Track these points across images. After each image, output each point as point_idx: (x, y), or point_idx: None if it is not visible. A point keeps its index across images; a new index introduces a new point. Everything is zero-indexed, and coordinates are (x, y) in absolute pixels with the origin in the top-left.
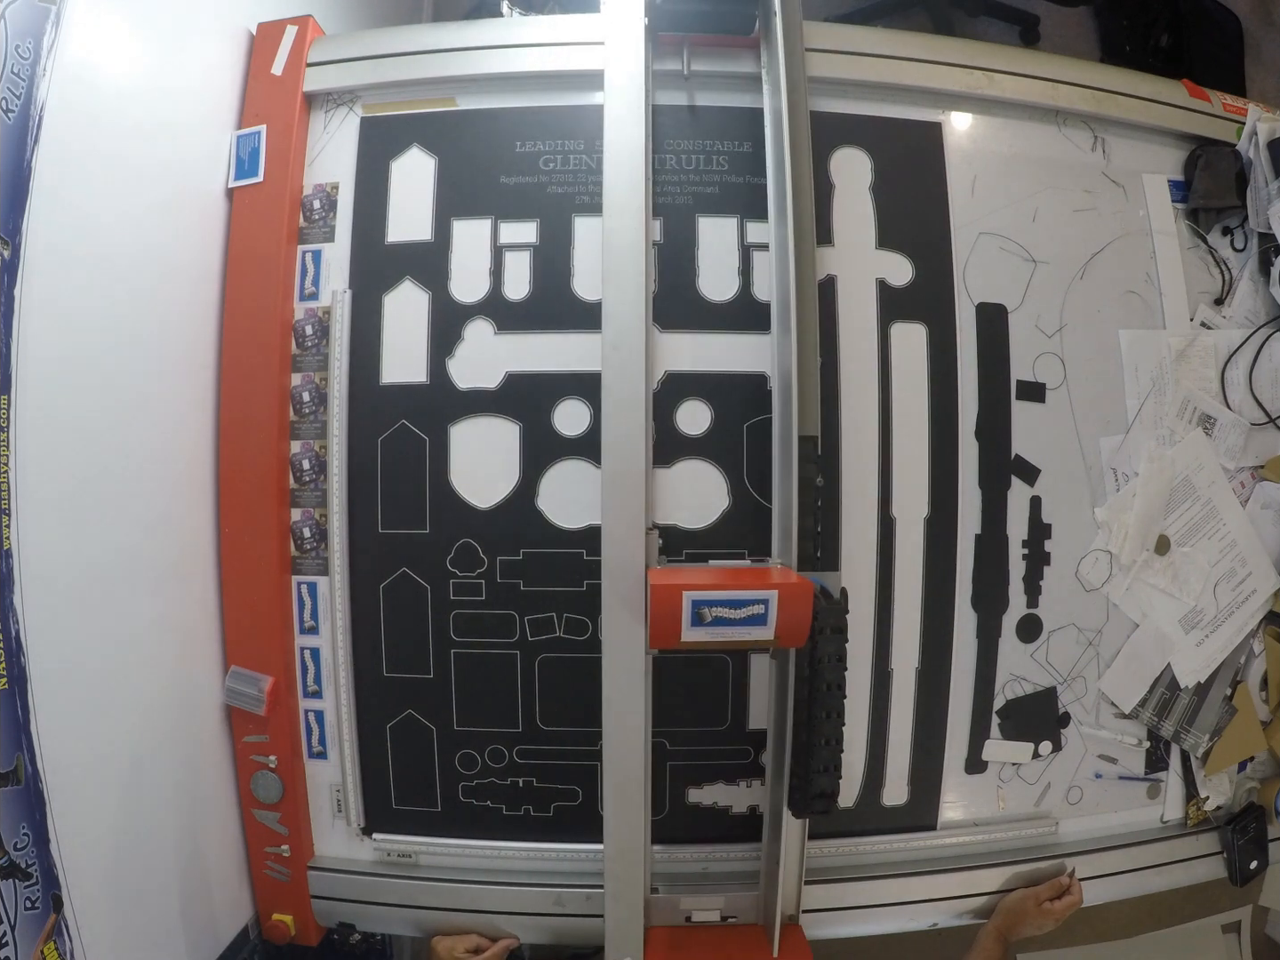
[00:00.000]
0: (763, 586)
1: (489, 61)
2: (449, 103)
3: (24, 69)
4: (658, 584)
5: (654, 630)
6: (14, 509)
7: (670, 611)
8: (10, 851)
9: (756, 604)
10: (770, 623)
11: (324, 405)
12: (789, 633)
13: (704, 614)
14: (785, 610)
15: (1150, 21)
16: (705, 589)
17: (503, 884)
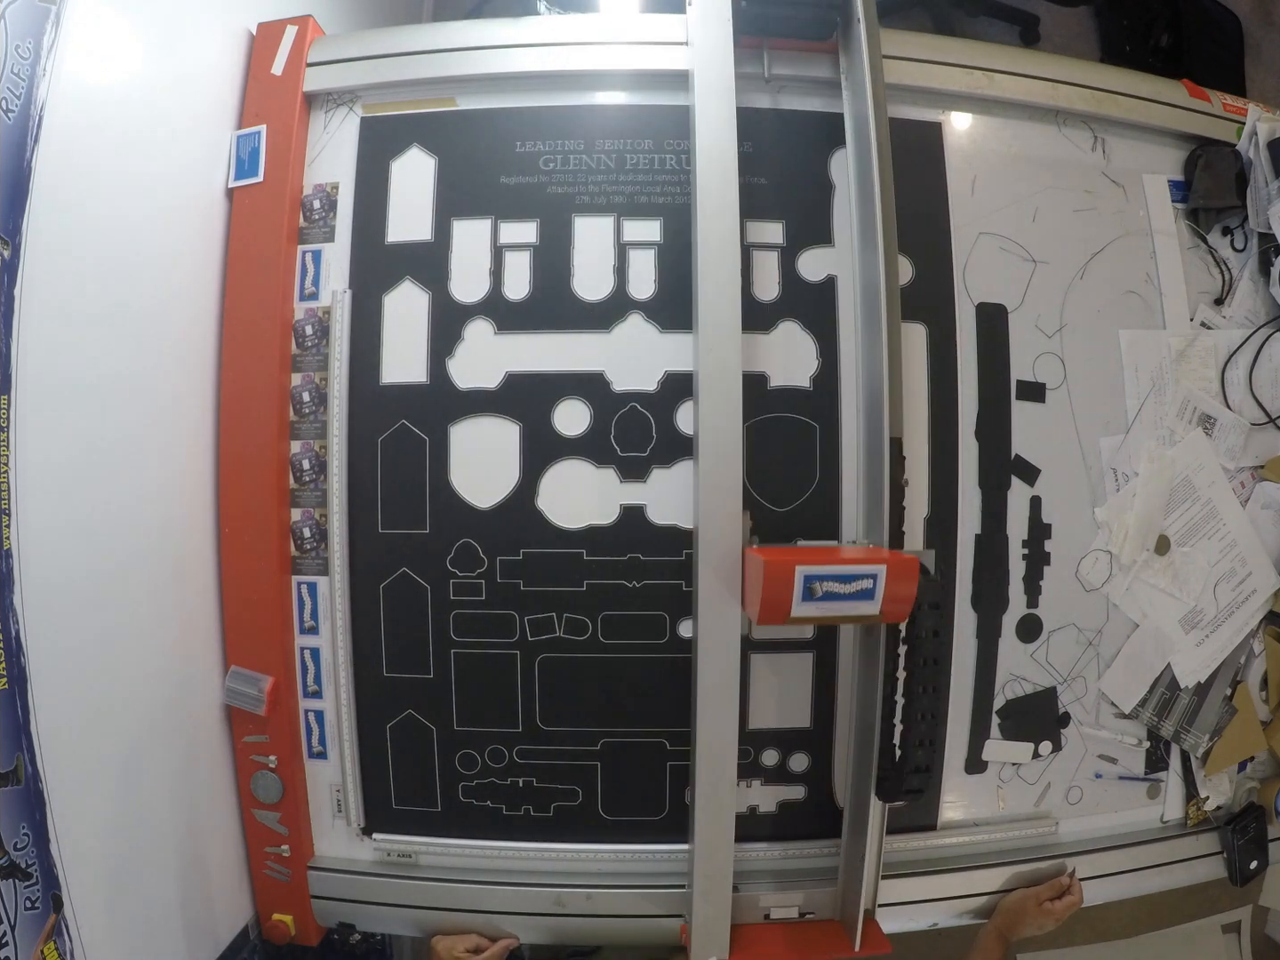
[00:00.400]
0: (873, 561)
1: (489, 61)
2: (449, 103)
3: (24, 69)
4: (771, 560)
5: (764, 606)
6: (14, 509)
7: (783, 586)
8: (10, 851)
9: (866, 578)
10: (877, 598)
11: (324, 405)
12: (894, 607)
13: (815, 589)
14: (892, 585)
15: (1150, 21)
16: (818, 563)
17: (503, 884)
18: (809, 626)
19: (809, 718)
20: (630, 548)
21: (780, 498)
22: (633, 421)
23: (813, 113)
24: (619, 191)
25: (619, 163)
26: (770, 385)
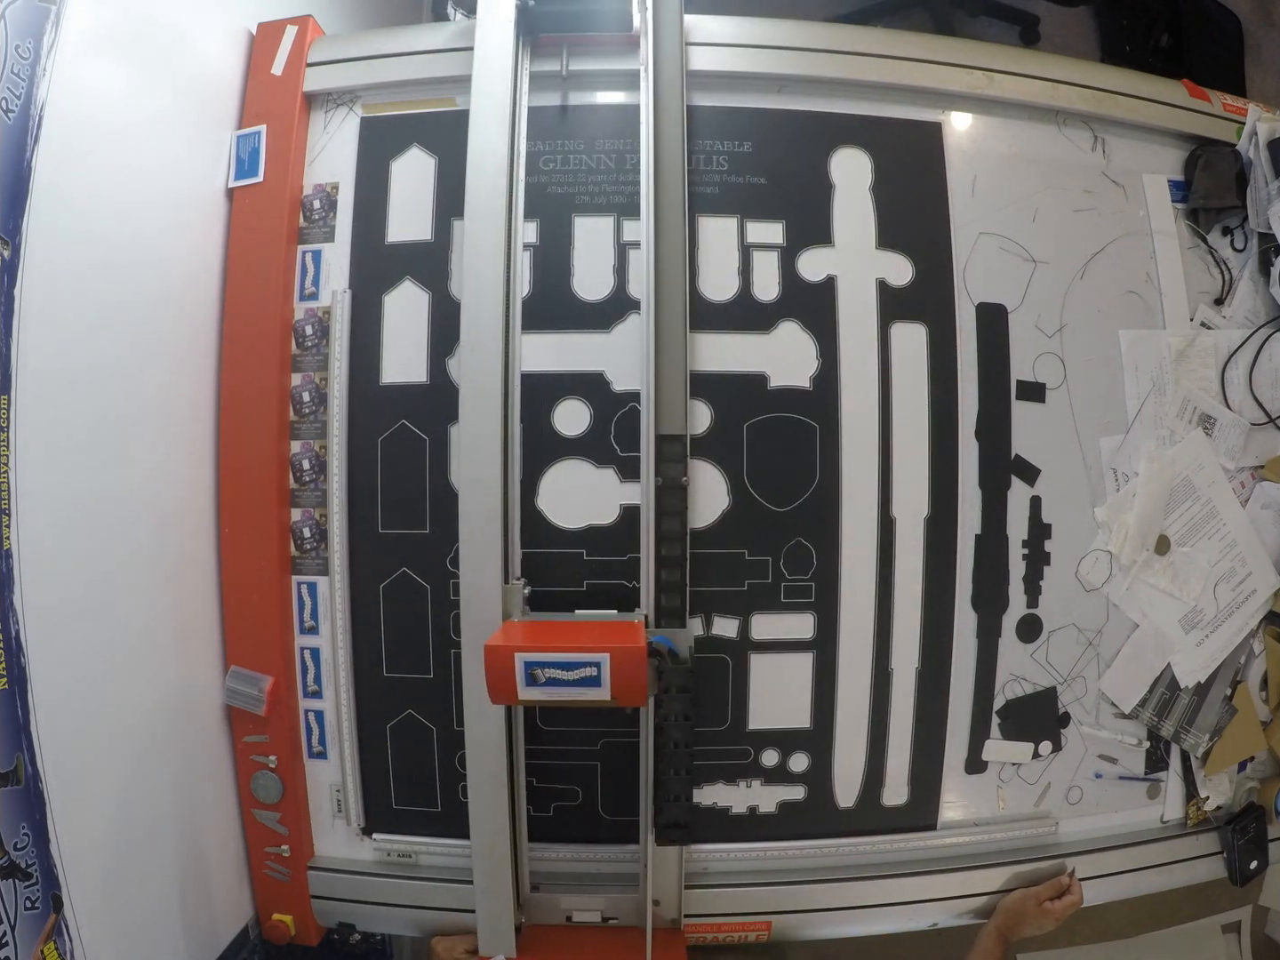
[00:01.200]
0: (595, 649)
1: None
2: (449, 103)
3: (24, 69)
4: (491, 645)
5: (491, 689)
6: (14, 509)
7: (505, 673)
8: (10, 851)
9: (589, 666)
10: (605, 684)
11: (324, 405)
12: (626, 694)
13: (537, 675)
14: (619, 673)
15: (1150, 21)
16: (537, 651)
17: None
18: (809, 626)
19: (809, 718)
20: (630, 548)
21: (780, 498)
22: (633, 421)
23: (813, 113)
24: (619, 191)
25: (619, 163)
26: (770, 385)
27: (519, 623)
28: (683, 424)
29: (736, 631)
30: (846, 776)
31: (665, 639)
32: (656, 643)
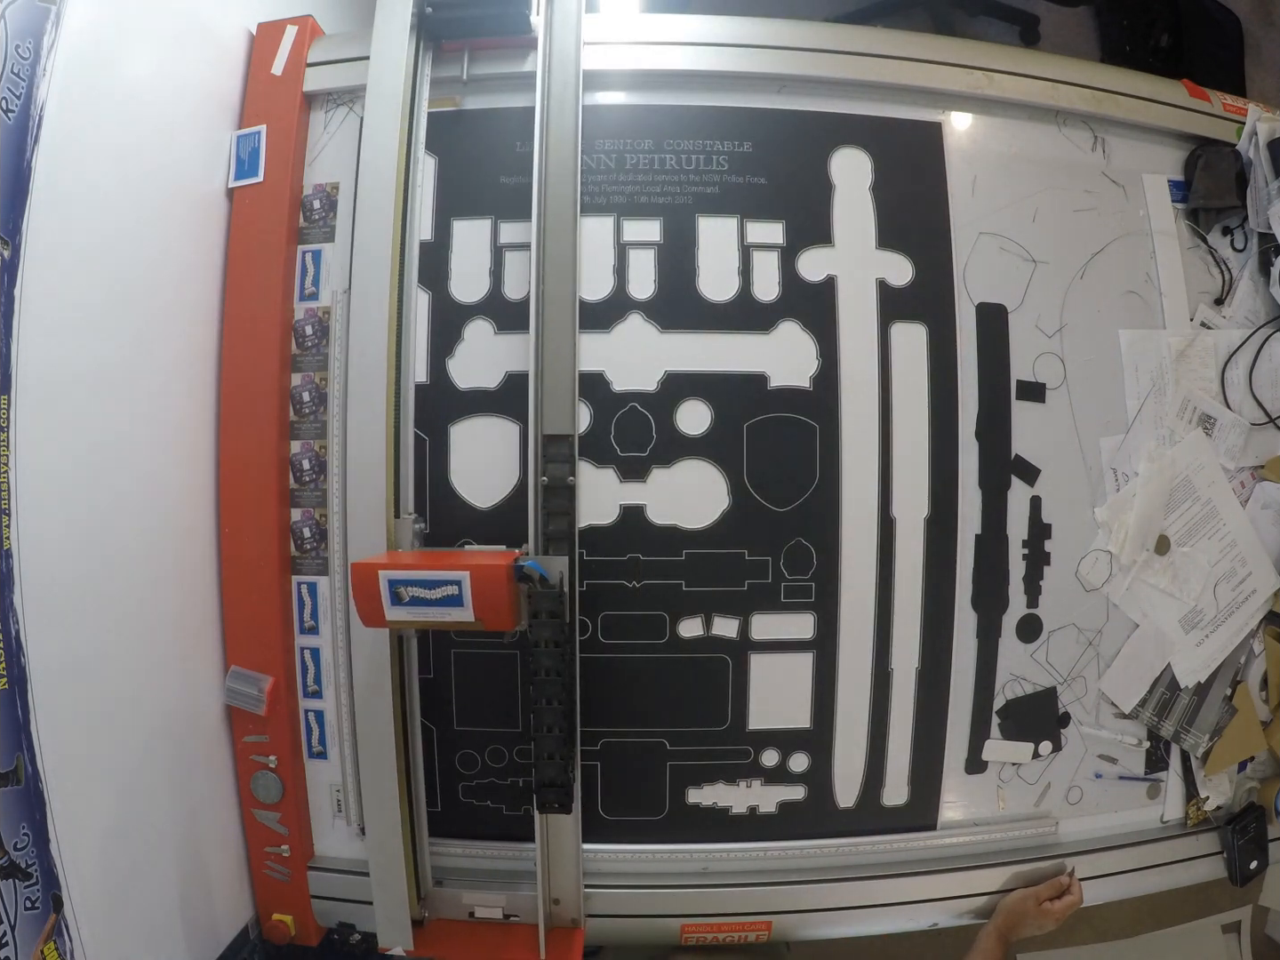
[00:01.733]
0: (456, 567)
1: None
2: (449, 103)
3: (24, 69)
4: (357, 564)
5: (359, 609)
6: (14, 509)
7: (369, 591)
8: (10, 851)
9: (450, 584)
10: (467, 603)
11: (324, 405)
12: (490, 615)
13: (401, 594)
14: (480, 592)
15: (1150, 21)
16: (401, 569)
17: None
18: (809, 626)
19: (809, 718)
20: (630, 548)
21: (780, 498)
22: (633, 421)
23: (813, 113)
24: (619, 191)
25: (619, 163)
26: (770, 385)
27: (402, 552)
28: (570, 424)
29: (736, 631)
30: (846, 776)
31: (535, 563)
32: (527, 566)
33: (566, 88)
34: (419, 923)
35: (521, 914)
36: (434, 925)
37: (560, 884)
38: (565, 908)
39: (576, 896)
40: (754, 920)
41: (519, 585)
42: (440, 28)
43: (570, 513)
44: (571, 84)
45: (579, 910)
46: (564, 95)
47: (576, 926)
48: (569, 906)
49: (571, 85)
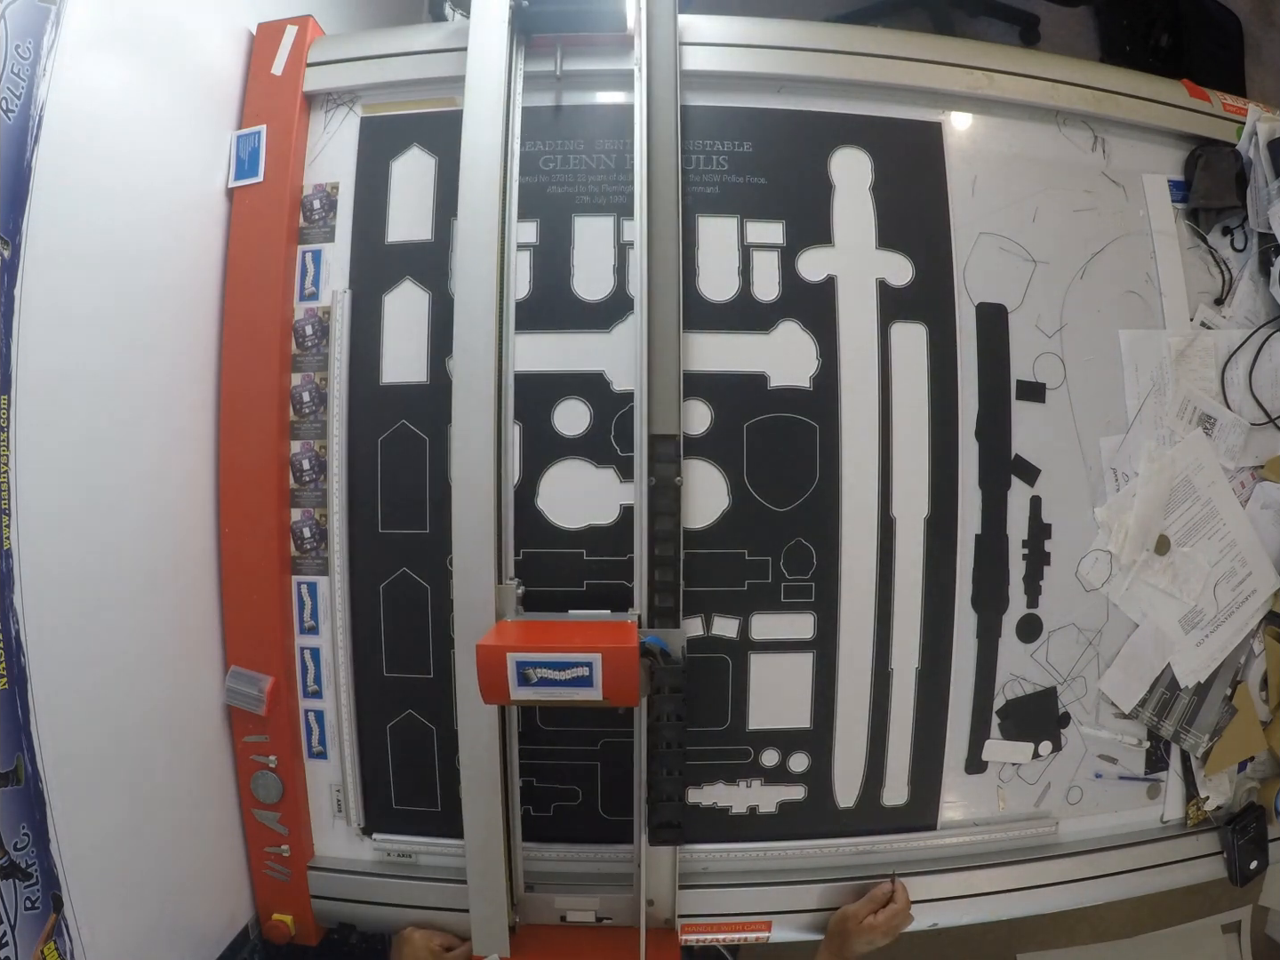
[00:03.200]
0: (587, 649)
1: None
2: (449, 102)
3: (24, 69)
4: (483, 645)
5: (484, 690)
6: (14, 509)
7: (497, 672)
8: (10, 851)
9: (581, 666)
10: (597, 684)
11: (324, 405)
12: (617, 693)
13: (529, 675)
14: (610, 673)
15: (1150, 21)
16: (529, 651)
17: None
18: (809, 626)
19: (809, 718)
20: (630, 548)
21: (780, 498)
22: (633, 421)
23: (813, 113)
24: (619, 191)
25: (619, 163)
26: (770, 385)
27: (513, 622)
28: (676, 424)
29: (736, 631)
30: (846, 776)
31: (658, 639)
32: (649, 643)
33: (666, 87)
34: (511, 929)
35: (615, 916)
36: (526, 931)
37: (655, 885)
38: (659, 909)
39: (671, 897)
40: (754, 920)
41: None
42: (534, 21)
43: (676, 513)
44: (670, 83)
45: (673, 911)
46: (664, 95)
47: (671, 927)
48: (663, 907)
49: (670, 84)
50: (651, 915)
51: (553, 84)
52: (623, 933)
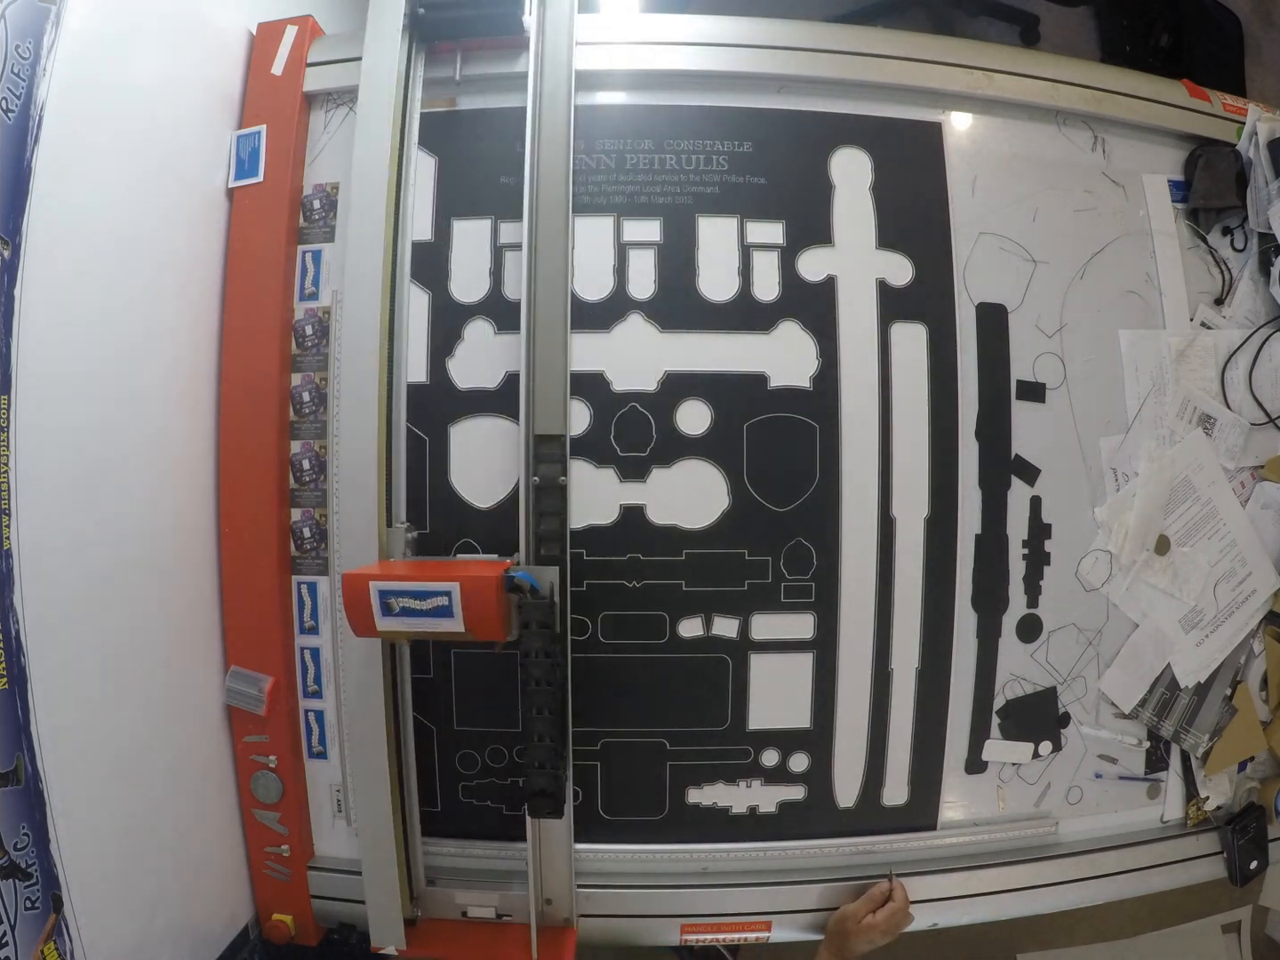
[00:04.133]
0: (447, 578)
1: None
2: (449, 103)
3: (24, 69)
4: (348, 574)
5: (350, 619)
6: (14, 509)
7: (361, 600)
8: (10, 851)
9: (440, 595)
10: (457, 614)
11: (324, 405)
12: (480, 625)
13: (392, 604)
14: (470, 603)
15: (1150, 21)
16: (392, 580)
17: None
18: (809, 626)
19: (809, 718)
20: (630, 548)
21: (780, 498)
22: (633, 421)
23: (813, 113)
24: (619, 191)
25: (619, 163)
26: (770, 385)
27: (393, 562)
28: (562, 424)
29: (736, 631)
30: (846, 776)
31: (527, 575)
32: (517, 578)
33: (559, 88)
34: (411, 922)
35: (514, 914)
36: (426, 925)
37: (553, 884)
38: (558, 907)
39: (569, 896)
40: (754, 920)
41: (510, 596)
42: (433, 29)
43: (562, 513)
44: (564, 84)
45: (571, 910)
46: (556, 95)
47: (569, 926)
48: (561, 906)
49: (564, 85)
50: (550, 914)
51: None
52: (522, 930)
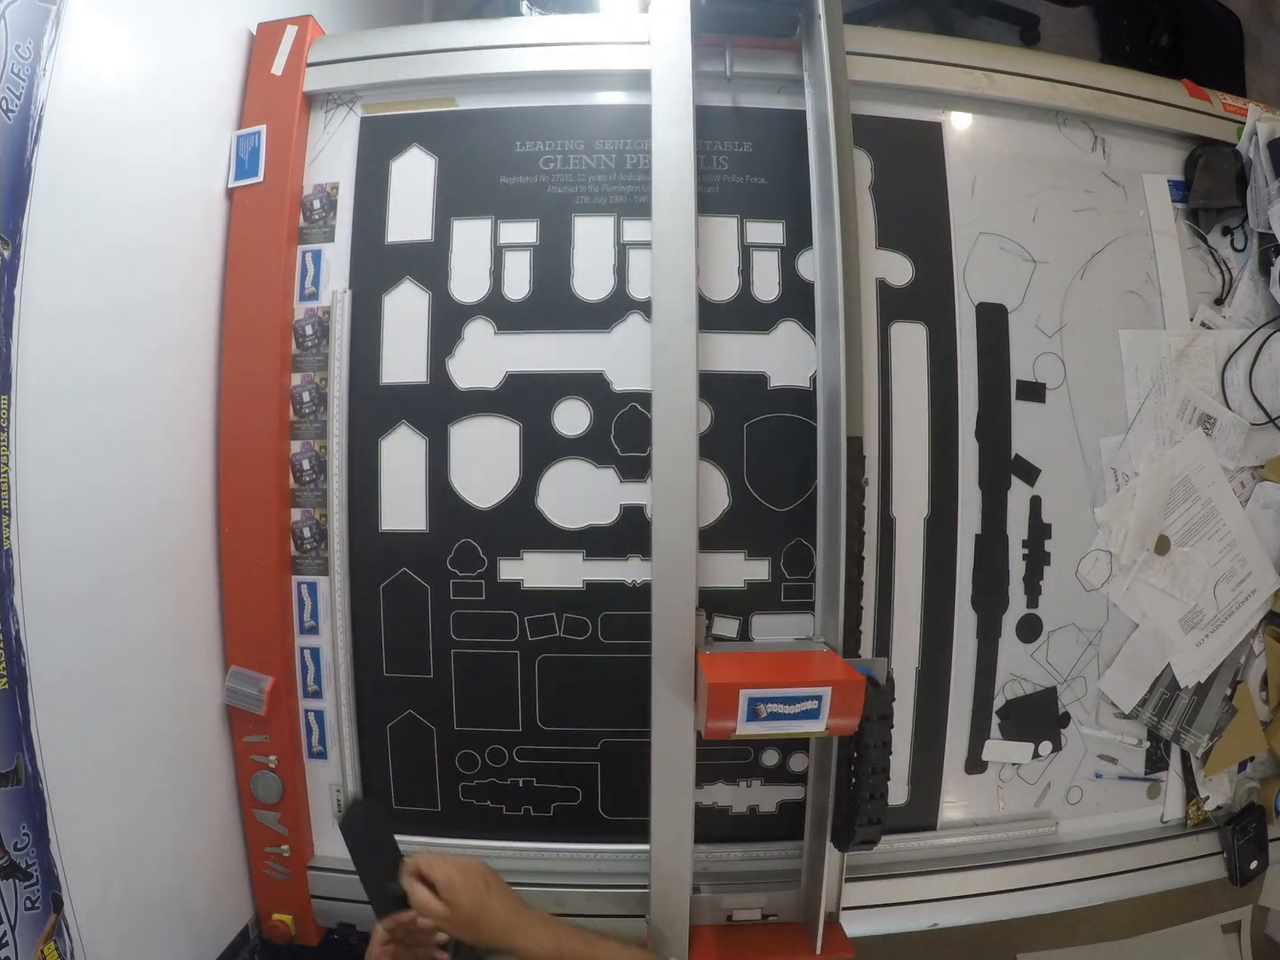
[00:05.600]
0: (817, 682)
1: (489, 61)
2: (449, 103)
3: (24, 69)
4: (715, 682)
5: (709, 728)
6: (14, 509)
7: (728, 708)
8: (10, 851)
9: (811, 699)
10: (823, 716)
11: (324, 405)
12: (840, 725)
13: (760, 710)
14: (838, 705)
15: (1150, 21)
16: (762, 686)
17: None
18: (809, 626)
19: None
20: (630, 548)
21: (780, 498)
22: (633, 421)
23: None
24: (619, 191)
25: (619, 163)
26: (770, 385)
27: (714, 654)
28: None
29: (736, 631)
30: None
31: (866, 669)
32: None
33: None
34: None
35: (781, 913)
36: (696, 932)
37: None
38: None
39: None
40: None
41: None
42: (710, 21)
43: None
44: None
45: (838, 904)
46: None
47: (834, 920)
48: (829, 901)
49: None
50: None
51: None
52: (789, 929)
